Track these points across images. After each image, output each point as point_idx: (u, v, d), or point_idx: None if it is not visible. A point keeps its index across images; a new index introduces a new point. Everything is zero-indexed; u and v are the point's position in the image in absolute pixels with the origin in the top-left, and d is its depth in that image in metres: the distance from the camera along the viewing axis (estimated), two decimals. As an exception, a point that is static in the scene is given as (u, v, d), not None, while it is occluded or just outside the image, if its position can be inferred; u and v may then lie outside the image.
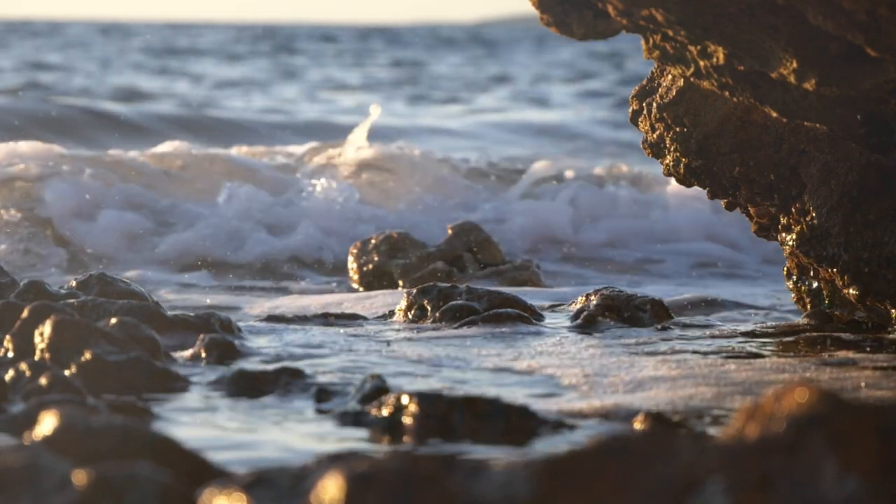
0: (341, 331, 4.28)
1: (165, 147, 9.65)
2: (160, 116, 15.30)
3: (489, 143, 15.95)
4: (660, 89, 4.46)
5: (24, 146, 8.82)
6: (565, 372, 3.65)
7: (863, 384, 3.56)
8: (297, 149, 10.19)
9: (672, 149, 4.50)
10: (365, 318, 4.60)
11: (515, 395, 3.35)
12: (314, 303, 5.71)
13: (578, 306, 4.53)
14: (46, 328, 3.45)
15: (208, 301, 6.27)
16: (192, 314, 4.05)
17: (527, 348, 3.99)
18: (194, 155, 9.44)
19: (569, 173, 9.87)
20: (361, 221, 8.24)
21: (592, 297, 4.52)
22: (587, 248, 8.32)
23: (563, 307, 4.78)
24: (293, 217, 8.23)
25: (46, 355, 3.41)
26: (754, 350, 4.11)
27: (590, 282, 7.20)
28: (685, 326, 4.48)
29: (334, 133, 15.32)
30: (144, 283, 6.55)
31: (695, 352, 4.02)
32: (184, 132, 14.37)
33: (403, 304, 4.57)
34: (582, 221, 8.62)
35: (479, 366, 3.72)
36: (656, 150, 4.55)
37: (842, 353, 4.04)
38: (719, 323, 4.78)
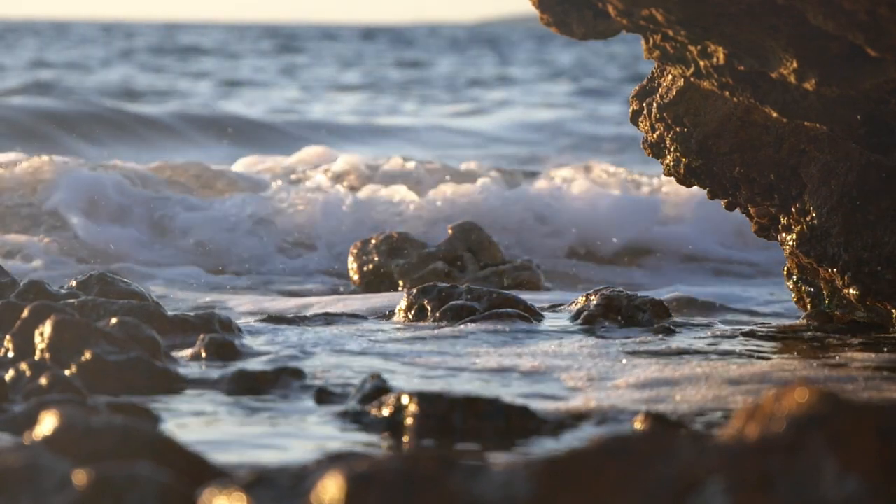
0: (342, 330, 4.28)
1: (183, 159, 9.45)
2: (186, 116, 15.34)
3: (490, 142, 15.93)
4: (660, 89, 4.46)
5: (27, 157, 8.75)
6: (565, 372, 3.65)
7: (863, 384, 3.56)
8: (308, 159, 9.95)
9: (672, 149, 4.50)
10: (365, 318, 4.60)
11: (516, 394, 3.35)
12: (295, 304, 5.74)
13: (579, 306, 4.53)
14: (47, 328, 3.45)
15: (207, 299, 6.26)
16: (192, 314, 4.05)
17: (527, 348, 3.99)
18: (210, 170, 9.22)
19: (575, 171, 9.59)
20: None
21: (592, 297, 4.52)
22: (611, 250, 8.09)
23: (563, 307, 4.78)
24: (309, 232, 8.05)
25: (47, 355, 3.41)
26: (754, 350, 4.11)
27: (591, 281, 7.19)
28: (685, 326, 4.48)
29: (347, 134, 15.32)
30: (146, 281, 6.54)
31: (695, 352, 4.02)
32: (208, 131, 14.37)
33: (404, 304, 4.57)
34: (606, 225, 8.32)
35: (479, 366, 3.72)
36: (656, 150, 4.55)
37: (842, 353, 4.04)
38: (719, 323, 4.78)
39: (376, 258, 6.78)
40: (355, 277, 6.79)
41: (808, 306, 4.68)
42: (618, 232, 8.17)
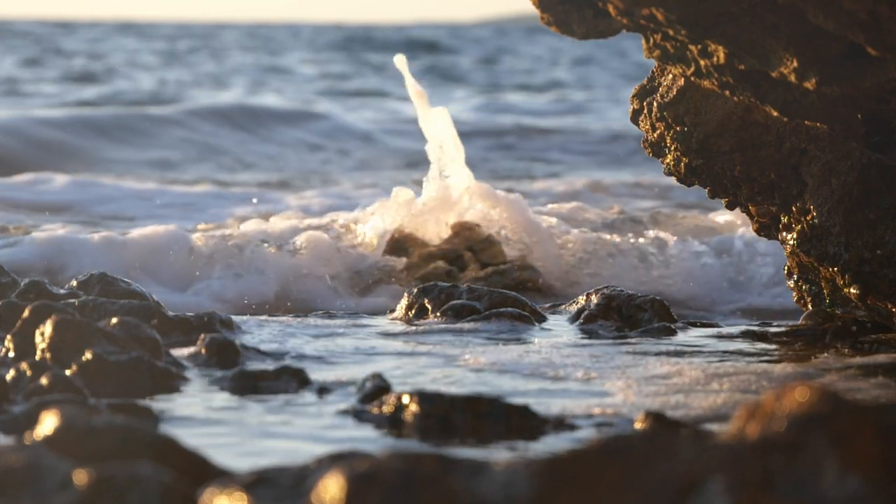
0: (342, 329, 4.28)
1: None
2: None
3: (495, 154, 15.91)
4: (660, 88, 4.47)
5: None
6: (565, 372, 3.65)
7: (864, 383, 3.56)
8: None
9: (673, 148, 4.50)
10: (366, 317, 4.60)
11: (516, 394, 3.35)
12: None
13: (579, 306, 4.53)
14: (47, 328, 3.45)
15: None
16: (192, 314, 4.05)
17: (528, 348, 3.99)
18: None
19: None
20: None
21: (593, 297, 4.52)
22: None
23: (563, 307, 4.77)
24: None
25: (47, 355, 3.41)
26: (755, 349, 4.11)
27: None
28: (686, 326, 4.48)
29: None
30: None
31: (695, 352, 4.02)
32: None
33: (404, 303, 4.57)
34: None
35: (479, 365, 3.72)
36: (657, 150, 4.55)
37: (842, 353, 4.04)
38: (720, 323, 4.78)
39: (377, 258, 6.78)
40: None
41: (809, 305, 4.68)
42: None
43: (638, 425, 2.96)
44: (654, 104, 4.47)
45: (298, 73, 30.88)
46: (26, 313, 3.59)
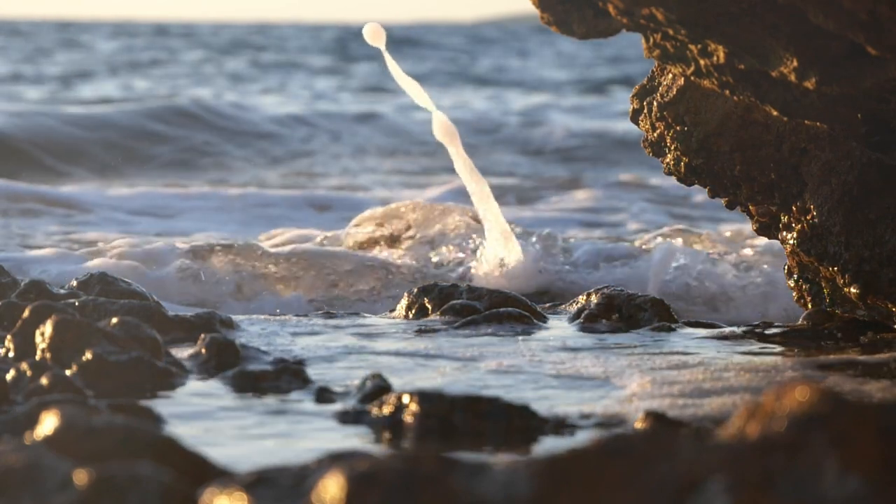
0: (342, 329, 4.28)
1: None
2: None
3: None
4: (660, 88, 4.47)
5: None
6: (565, 371, 3.65)
7: (864, 383, 3.56)
8: None
9: (672, 148, 4.50)
10: (366, 317, 4.60)
11: (517, 394, 3.35)
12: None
13: (579, 306, 4.53)
14: (47, 328, 3.45)
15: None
16: (192, 314, 4.05)
17: (526, 348, 3.99)
18: None
19: None
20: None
21: (593, 297, 4.52)
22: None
23: (563, 307, 4.77)
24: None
25: (47, 355, 3.41)
26: (754, 349, 4.11)
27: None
28: (686, 326, 4.48)
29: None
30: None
31: (695, 351, 4.02)
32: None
33: (404, 302, 4.57)
34: None
35: (479, 365, 3.72)
36: (657, 150, 4.55)
37: (842, 352, 4.04)
38: (720, 322, 4.78)
39: (377, 257, 6.77)
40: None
41: (809, 305, 4.68)
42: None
43: (638, 425, 2.96)
44: (654, 104, 4.47)
45: (299, 71, 30.85)
46: (26, 313, 3.59)
